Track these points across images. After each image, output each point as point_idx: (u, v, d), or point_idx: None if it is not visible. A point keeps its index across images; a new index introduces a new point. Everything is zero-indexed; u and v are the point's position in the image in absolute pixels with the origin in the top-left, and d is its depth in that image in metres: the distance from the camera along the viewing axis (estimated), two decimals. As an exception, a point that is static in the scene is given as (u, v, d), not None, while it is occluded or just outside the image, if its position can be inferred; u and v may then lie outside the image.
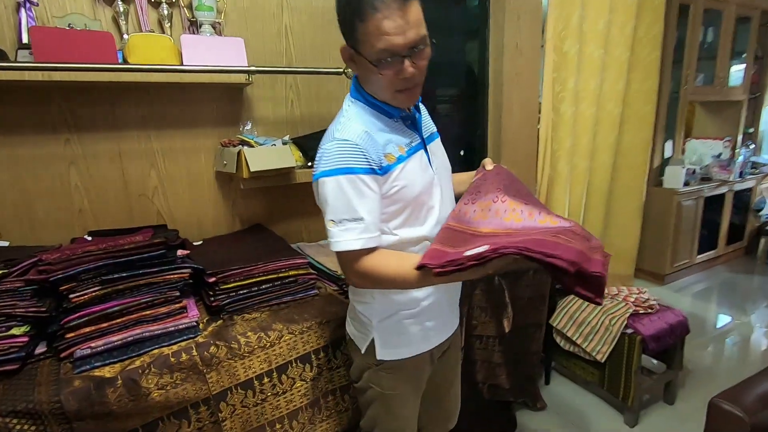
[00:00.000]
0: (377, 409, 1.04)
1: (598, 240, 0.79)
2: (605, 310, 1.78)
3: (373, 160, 0.82)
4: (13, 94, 1.26)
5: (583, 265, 0.68)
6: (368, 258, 0.83)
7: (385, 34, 0.75)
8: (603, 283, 0.74)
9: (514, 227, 0.80)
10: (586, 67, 2.45)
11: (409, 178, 0.87)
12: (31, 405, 0.86)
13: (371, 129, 0.86)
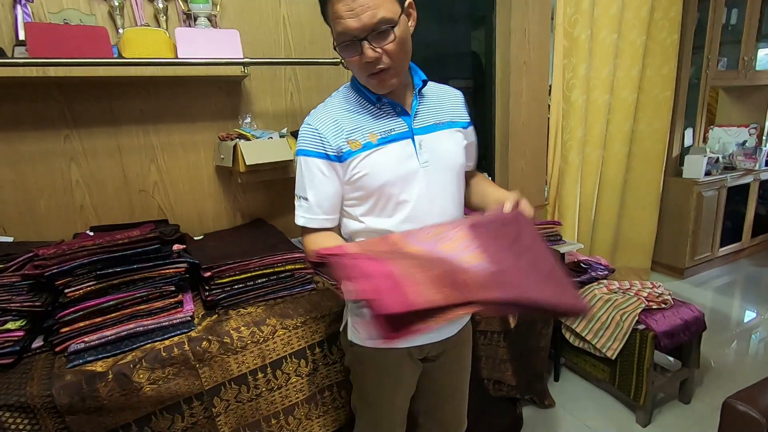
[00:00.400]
0: (355, 393, 1.10)
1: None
2: (616, 304, 1.72)
3: (330, 146, 0.85)
4: (12, 91, 1.27)
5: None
6: (310, 236, 0.92)
7: (339, 17, 0.76)
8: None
9: (437, 255, 0.73)
10: (598, 53, 2.36)
11: (373, 167, 0.85)
12: (23, 399, 0.87)
13: (344, 114, 0.87)
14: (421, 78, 0.91)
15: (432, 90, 0.95)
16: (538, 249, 0.77)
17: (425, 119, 0.92)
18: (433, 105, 0.94)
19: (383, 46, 0.78)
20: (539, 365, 1.76)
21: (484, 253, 0.74)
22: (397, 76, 0.84)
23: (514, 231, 0.80)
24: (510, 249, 0.76)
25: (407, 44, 0.83)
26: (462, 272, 0.68)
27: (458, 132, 0.96)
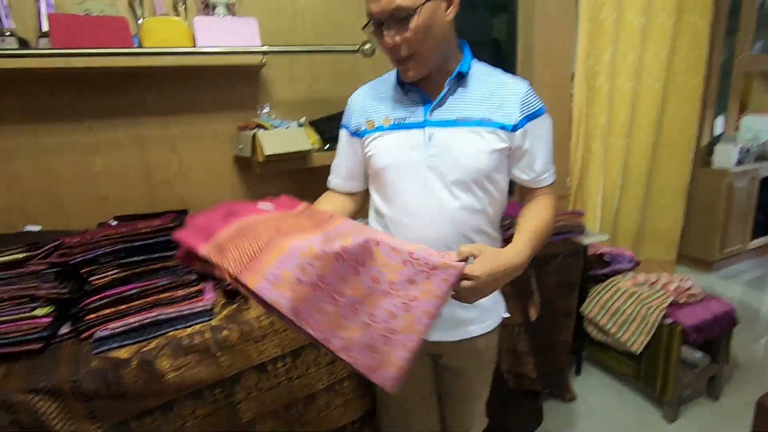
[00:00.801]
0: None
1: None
2: (642, 298, 1.67)
3: (353, 121, 0.96)
4: (37, 83, 1.29)
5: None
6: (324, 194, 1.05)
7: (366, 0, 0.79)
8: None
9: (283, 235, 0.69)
10: (624, 38, 2.27)
11: (379, 149, 0.90)
12: (52, 384, 0.89)
13: (374, 94, 0.94)
14: (461, 68, 0.84)
15: (481, 81, 0.85)
16: (404, 306, 0.66)
17: (449, 112, 0.85)
18: (470, 98, 0.85)
19: (402, 35, 0.77)
20: (560, 358, 1.73)
21: (329, 263, 0.65)
22: (422, 65, 0.81)
23: (407, 276, 0.67)
24: (363, 285, 0.67)
25: (432, 32, 0.77)
26: (266, 254, 0.65)
27: (488, 133, 0.83)
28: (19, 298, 0.97)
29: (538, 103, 0.85)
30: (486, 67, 0.89)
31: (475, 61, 0.88)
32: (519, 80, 0.86)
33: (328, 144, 1.51)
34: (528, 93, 0.84)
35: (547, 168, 0.90)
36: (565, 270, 1.60)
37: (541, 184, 0.91)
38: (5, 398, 0.85)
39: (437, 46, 0.80)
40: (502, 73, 0.88)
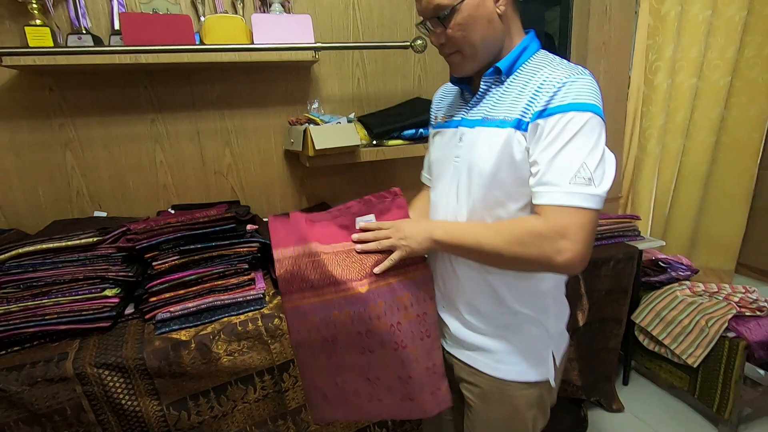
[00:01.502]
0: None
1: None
2: (701, 309, 1.57)
3: (431, 116, 0.99)
4: (108, 78, 1.37)
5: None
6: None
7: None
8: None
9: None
10: (687, 32, 2.13)
11: (431, 146, 0.96)
12: (120, 359, 0.95)
13: (446, 90, 0.97)
14: (500, 63, 0.78)
15: (527, 76, 0.75)
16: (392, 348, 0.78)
17: (481, 111, 0.81)
18: (505, 95, 0.77)
19: (445, 32, 0.77)
20: (607, 366, 1.66)
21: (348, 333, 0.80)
22: (469, 62, 0.80)
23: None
24: (363, 360, 0.80)
25: (477, 28, 0.75)
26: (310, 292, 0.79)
27: (504, 134, 0.73)
28: (92, 278, 1.04)
29: (571, 96, 0.67)
30: (546, 58, 0.76)
31: (538, 54, 0.79)
32: (567, 70, 0.70)
33: (376, 139, 1.52)
34: (565, 84, 0.68)
35: (550, 179, 0.68)
36: (618, 275, 1.53)
37: (535, 198, 0.70)
38: (79, 370, 0.92)
39: (484, 41, 0.76)
40: (558, 65, 0.73)
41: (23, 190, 1.36)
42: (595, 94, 0.69)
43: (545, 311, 0.86)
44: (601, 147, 0.69)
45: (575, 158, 0.66)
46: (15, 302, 0.98)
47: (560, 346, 0.90)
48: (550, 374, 0.86)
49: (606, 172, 0.69)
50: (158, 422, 1.00)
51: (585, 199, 0.66)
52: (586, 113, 0.67)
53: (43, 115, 1.33)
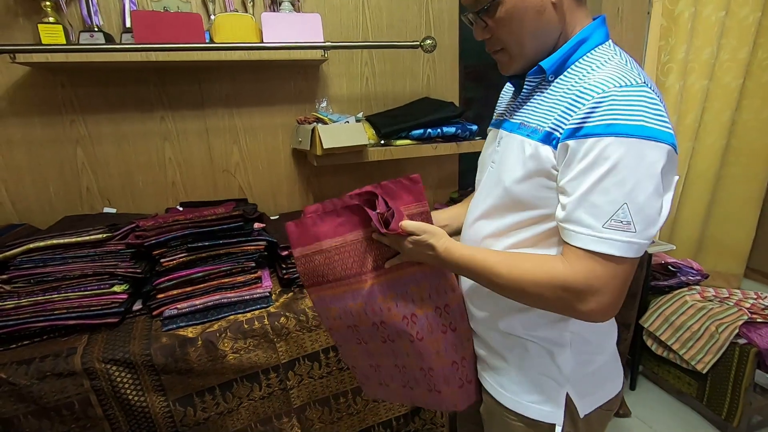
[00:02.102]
0: None
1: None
2: (711, 314, 1.55)
3: (496, 109, 0.89)
4: (118, 75, 1.38)
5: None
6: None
7: None
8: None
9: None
10: (700, 33, 2.10)
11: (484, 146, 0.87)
12: (127, 355, 0.96)
13: (508, 88, 0.87)
14: (548, 62, 0.66)
15: (575, 77, 0.63)
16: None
17: (522, 114, 0.72)
18: (549, 98, 0.66)
19: (488, 27, 0.68)
20: (615, 371, 1.64)
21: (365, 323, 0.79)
22: (516, 60, 0.69)
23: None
24: (386, 348, 0.81)
25: (524, 24, 0.65)
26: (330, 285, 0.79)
27: (532, 144, 0.65)
28: (101, 274, 1.05)
29: (614, 115, 0.54)
30: (605, 55, 0.63)
31: (600, 48, 0.65)
32: (617, 76, 0.57)
33: (384, 139, 1.51)
34: (609, 97, 0.55)
35: (581, 218, 0.57)
36: (626, 279, 1.52)
37: (563, 234, 0.61)
38: (88, 365, 0.93)
39: (534, 37, 0.66)
40: (609, 66, 0.60)
41: (35, 185, 1.37)
42: (649, 112, 0.54)
43: (560, 343, 0.71)
44: (653, 182, 0.54)
45: (614, 197, 0.54)
46: (25, 296, 0.99)
47: (585, 391, 0.72)
48: (557, 419, 0.72)
49: (653, 215, 0.56)
50: (164, 418, 1.00)
51: (621, 247, 0.55)
52: (631, 139, 0.53)
53: (55, 112, 1.35)
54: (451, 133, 1.53)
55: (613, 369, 0.77)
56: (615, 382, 0.77)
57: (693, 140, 2.27)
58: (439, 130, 1.52)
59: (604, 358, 0.74)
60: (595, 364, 0.73)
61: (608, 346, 0.75)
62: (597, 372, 0.73)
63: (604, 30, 0.66)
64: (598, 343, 0.73)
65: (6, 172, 1.34)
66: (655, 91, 0.57)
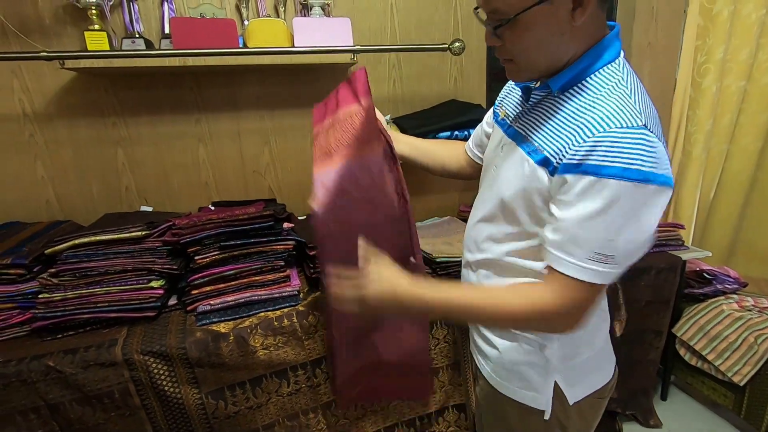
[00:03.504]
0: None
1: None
2: (750, 324, 1.49)
3: (497, 100, 0.89)
4: (157, 79, 1.44)
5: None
6: None
7: None
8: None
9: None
10: (738, 32, 2.02)
11: (491, 136, 0.88)
12: (164, 348, 1.00)
13: (513, 84, 0.86)
14: (555, 82, 0.66)
15: (583, 96, 0.64)
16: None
17: (525, 124, 0.72)
18: (554, 115, 0.66)
19: (498, 38, 0.66)
20: (645, 380, 1.60)
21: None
22: (523, 72, 0.69)
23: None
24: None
25: (540, 42, 0.63)
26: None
27: (530, 165, 0.66)
28: (140, 270, 1.10)
29: (613, 158, 0.56)
30: (612, 79, 0.63)
31: (610, 67, 0.64)
32: (620, 115, 0.58)
33: (411, 141, 1.52)
34: (609, 138, 0.57)
35: (568, 248, 0.61)
36: (659, 285, 1.48)
37: (547, 257, 0.64)
38: (128, 356, 0.98)
39: (546, 56, 0.65)
40: (614, 99, 0.60)
41: (78, 184, 1.45)
42: (645, 155, 0.56)
43: (548, 337, 0.76)
44: (642, 221, 0.59)
45: (601, 234, 0.59)
46: (71, 290, 1.05)
47: (573, 380, 0.78)
48: (546, 406, 0.77)
49: (636, 248, 0.60)
50: (197, 409, 1.04)
51: (600, 276, 0.60)
52: (625, 183, 0.56)
53: (98, 114, 1.42)
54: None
55: (602, 360, 0.82)
56: (604, 372, 0.82)
57: (728, 142, 2.19)
58: (467, 133, 1.52)
59: (592, 350, 0.79)
60: (583, 356, 0.78)
61: (597, 340, 0.81)
62: (584, 363, 0.78)
63: (617, 45, 0.66)
64: (585, 338, 0.78)
65: (53, 171, 1.41)
66: (654, 130, 0.58)
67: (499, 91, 0.90)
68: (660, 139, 0.58)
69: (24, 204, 1.42)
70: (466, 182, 1.85)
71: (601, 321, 0.82)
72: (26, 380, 0.93)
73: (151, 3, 1.38)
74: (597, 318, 0.80)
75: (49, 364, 0.94)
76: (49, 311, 1.03)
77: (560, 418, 0.78)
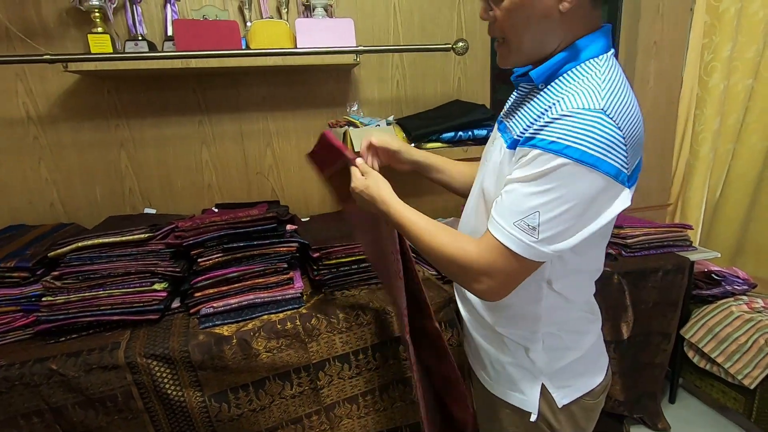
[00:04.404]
0: None
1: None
2: (760, 326, 1.46)
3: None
4: (160, 81, 1.44)
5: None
6: None
7: None
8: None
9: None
10: (745, 30, 2.00)
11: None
12: (167, 351, 0.99)
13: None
14: (536, 71, 0.67)
15: (559, 87, 0.64)
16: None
17: (512, 116, 0.74)
18: (534, 106, 0.67)
19: (494, 11, 0.67)
20: (653, 383, 1.58)
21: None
22: (514, 54, 0.69)
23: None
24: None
25: (529, 20, 0.64)
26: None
27: (504, 150, 0.69)
28: (143, 272, 1.10)
29: (560, 134, 0.57)
30: (589, 72, 0.63)
31: (593, 62, 0.64)
32: (580, 99, 0.58)
33: (414, 142, 1.51)
34: (563, 117, 0.57)
35: (500, 211, 0.63)
36: (667, 287, 1.45)
37: (488, 221, 0.66)
38: (130, 359, 0.97)
39: (534, 37, 0.65)
40: (580, 86, 0.60)
41: (82, 186, 1.45)
42: (595, 140, 0.55)
43: (533, 339, 0.76)
44: (573, 204, 0.58)
45: (528, 202, 0.59)
46: (74, 292, 1.05)
47: (561, 383, 0.78)
48: (532, 407, 0.78)
49: (561, 232, 0.59)
50: (200, 413, 1.03)
51: (521, 247, 0.60)
52: (565, 159, 0.56)
53: (102, 116, 1.42)
54: (483, 135, 1.51)
55: (592, 362, 0.81)
56: (595, 374, 0.81)
57: (734, 141, 2.17)
58: (470, 133, 1.51)
59: (579, 354, 0.78)
60: (569, 358, 0.78)
61: (584, 344, 0.79)
62: (572, 366, 0.78)
63: (603, 42, 0.65)
64: (571, 340, 0.78)
65: (57, 174, 1.42)
66: (617, 120, 0.56)
67: (503, 91, 0.88)
68: (621, 129, 0.56)
69: (28, 206, 1.42)
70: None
71: (588, 323, 0.81)
72: (29, 383, 0.93)
73: (154, 5, 1.39)
74: (583, 320, 0.79)
75: (52, 367, 0.94)
76: (52, 314, 1.02)
77: (549, 420, 0.78)
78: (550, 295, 0.73)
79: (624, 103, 0.59)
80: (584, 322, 0.80)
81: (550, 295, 0.73)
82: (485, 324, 0.82)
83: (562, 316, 0.76)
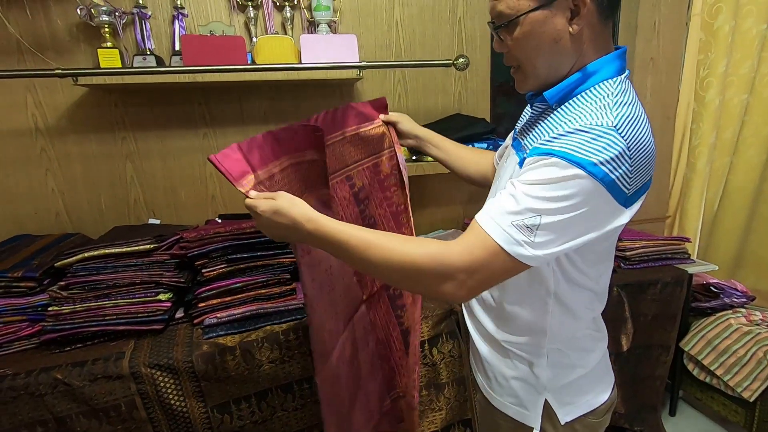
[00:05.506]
0: None
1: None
2: (759, 339, 1.48)
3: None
4: (167, 95, 1.47)
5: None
6: None
7: None
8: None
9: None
10: (739, 46, 2.04)
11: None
12: (171, 361, 1.00)
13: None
14: (551, 93, 0.68)
15: (574, 107, 0.65)
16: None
17: (525, 134, 0.76)
18: (545, 126, 0.69)
19: (506, 42, 0.70)
20: (653, 395, 1.58)
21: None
22: (528, 80, 0.71)
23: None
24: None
25: (540, 46, 0.66)
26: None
27: (516, 166, 0.71)
28: (148, 283, 1.11)
29: (571, 146, 0.57)
30: (603, 92, 0.64)
31: (607, 83, 0.65)
32: (594, 118, 0.59)
33: (415, 155, 1.54)
34: (576, 132, 0.58)
35: (495, 204, 0.61)
36: (666, 299, 1.47)
37: (479, 213, 0.64)
38: (134, 369, 0.98)
39: (547, 63, 0.68)
40: (596, 108, 0.61)
41: (88, 197, 1.47)
42: (604, 154, 0.56)
43: (538, 354, 0.76)
44: (576, 215, 0.57)
45: (532, 204, 0.58)
46: (80, 302, 1.06)
47: (565, 399, 0.77)
48: (535, 423, 0.77)
49: (556, 239, 0.59)
50: (203, 424, 1.04)
51: (511, 243, 0.58)
52: (575, 169, 0.56)
53: (108, 129, 1.44)
54: (483, 148, 1.54)
55: (597, 380, 0.80)
56: (600, 392, 0.80)
57: (731, 155, 2.20)
58: (471, 146, 1.53)
59: (584, 371, 0.78)
60: (574, 375, 0.77)
61: (590, 361, 0.79)
62: (576, 383, 0.77)
63: (617, 64, 0.66)
64: (577, 356, 0.77)
65: (64, 185, 1.44)
66: (627, 139, 0.57)
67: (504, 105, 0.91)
68: (629, 149, 0.57)
69: (34, 217, 1.44)
70: (471, 195, 1.86)
71: (596, 340, 0.81)
72: (34, 393, 0.94)
73: (162, 21, 1.42)
74: (589, 338, 0.79)
75: (57, 376, 0.95)
76: (58, 324, 1.04)
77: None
78: (557, 309, 0.74)
79: (639, 132, 0.59)
80: (590, 339, 0.80)
81: (557, 310, 0.74)
82: (491, 337, 0.82)
83: (568, 333, 0.76)
